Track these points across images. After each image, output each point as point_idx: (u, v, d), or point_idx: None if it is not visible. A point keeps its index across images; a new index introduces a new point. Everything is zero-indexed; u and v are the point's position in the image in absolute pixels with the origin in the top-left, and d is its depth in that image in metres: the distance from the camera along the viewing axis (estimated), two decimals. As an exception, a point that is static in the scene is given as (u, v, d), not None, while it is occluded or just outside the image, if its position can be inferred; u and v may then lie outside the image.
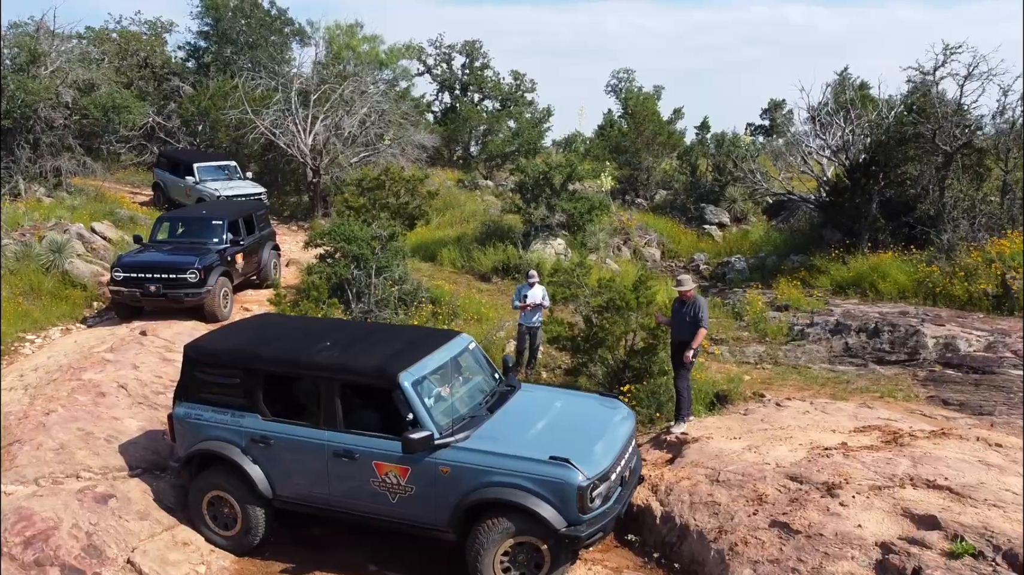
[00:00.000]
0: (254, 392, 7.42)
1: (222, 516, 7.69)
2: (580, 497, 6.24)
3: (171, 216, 16.75)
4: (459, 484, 6.56)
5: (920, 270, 14.11)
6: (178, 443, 7.86)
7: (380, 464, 6.83)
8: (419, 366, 7.07)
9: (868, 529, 6.00)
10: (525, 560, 6.54)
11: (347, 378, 7.18)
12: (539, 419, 7.22)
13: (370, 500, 6.98)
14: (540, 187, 19.43)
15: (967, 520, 5.74)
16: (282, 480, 7.38)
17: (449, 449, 6.61)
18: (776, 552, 6.12)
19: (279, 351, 7.62)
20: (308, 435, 7.21)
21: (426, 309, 14.93)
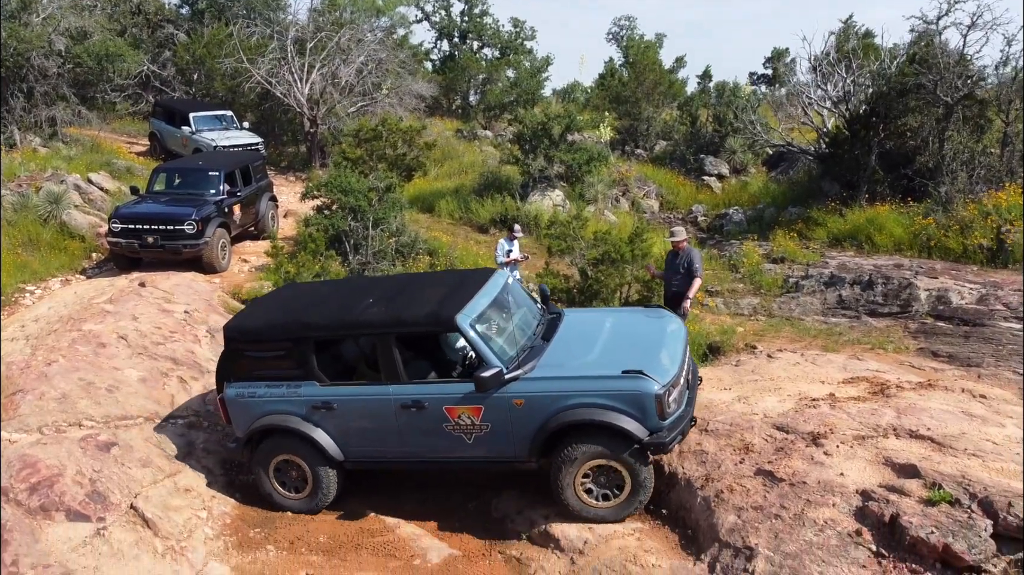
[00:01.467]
0: (307, 361, 7.39)
1: (291, 480, 7.81)
2: (659, 404, 6.36)
3: (168, 167, 16.73)
4: (535, 414, 6.64)
5: (916, 223, 14.13)
6: (235, 424, 7.86)
7: (452, 408, 6.89)
8: (471, 306, 7.03)
9: (850, 477, 6.15)
10: (606, 482, 6.72)
11: (403, 330, 7.18)
12: (596, 339, 7.28)
13: (446, 445, 7.06)
14: (538, 138, 19.34)
15: (946, 469, 5.89)
16: (351, 441, 7.43)
17: (519, 382, 6.67)
18: (760, 499, 6.29)
19: (325, 317, 7.54)
20: (372, 393, 7.24)
21: (423, 260, 15.01)
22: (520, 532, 7.29)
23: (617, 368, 6.57)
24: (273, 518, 7.85)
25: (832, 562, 5.47)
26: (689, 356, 7.58)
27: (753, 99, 20.89)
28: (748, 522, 6.13)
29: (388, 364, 7.13)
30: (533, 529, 7.18)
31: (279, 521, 7.77)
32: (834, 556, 5.51)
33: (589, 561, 6.60)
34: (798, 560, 5.56)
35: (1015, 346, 9.67)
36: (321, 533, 7.53)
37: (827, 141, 17.69)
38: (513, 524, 7.44)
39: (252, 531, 7.60)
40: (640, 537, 6.73)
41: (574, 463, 6.64)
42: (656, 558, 6.37)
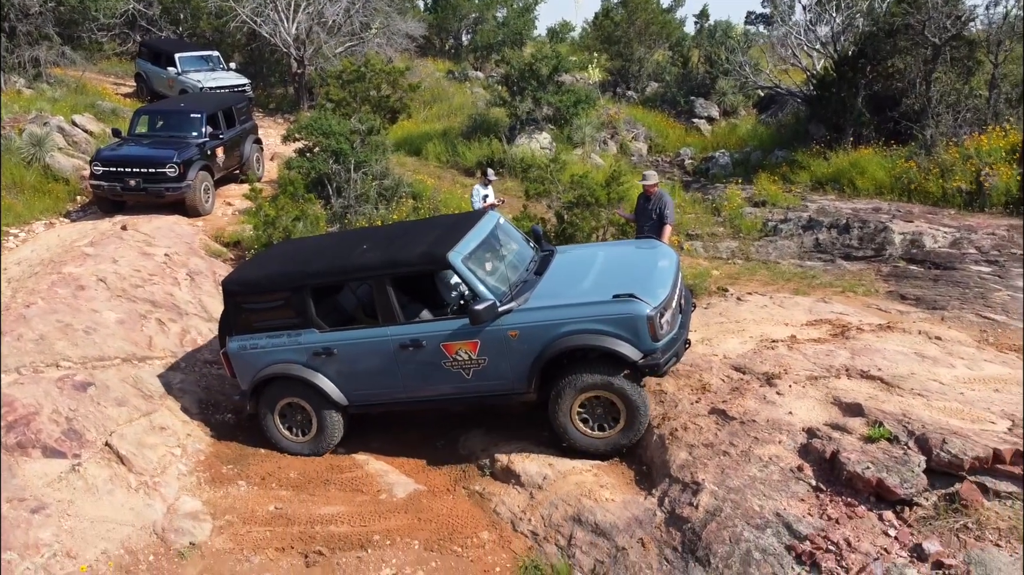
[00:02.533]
0: (306, 309, 7.53)
1: (296, 423, 7.95)
2: (651, 326, 6.47)
3: (150, 109, 16.61)
4: (530, 344, 6.78)
5: (898, 166, 14.10)
6: (240, 376, 8.01)
7: (448, 345, 7.04)
8: (463, 244, 7.20)
9: (798, 416, 6.33)
10: (603, 413, 6.86)
11: (397, 271, 7.34)
12: (588, 271, 7.41)
13: (445, 382, 7.22)
14: (525, 80, 19.15)
15: (889, 408, 6.06)
16: (353, 385, 7.60)
17: (513, 314, 6.82)
18: (712, 437, 6.48)
19: (322, 264, 7.72)
20: (370, 335, 7.38)
21: (407, 204, 15.03)
22: (484, 468, 7.52)
23: (608, 294, 6.70)
24: (246, 455, 8.08)
25: (772, 495, 5.67)
26: (682, 282, 7.66)
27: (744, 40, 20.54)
28: (698, 459, 6.33)
29: (385, 306, 7.28)
30: (496, 465, 7.40)
31: (252, 458, 8.00)
32: (775, 490, 5.71)
33: (547, 495, 6.83)
34: (741, 494, 5.77)
35: (981, 289, 9.80)
36: (292, 469, 7.77)
37: (815, 83, 17.52)
38: (478, 461, 7.67)
39: (225, 467, 7.83)
40: (597, 473, 6.95)
41: (570, 392, 6.77)
42: (610, 492, 6.59)
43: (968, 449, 5.31)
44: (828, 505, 5.48)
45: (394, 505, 7.10)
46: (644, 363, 6.57)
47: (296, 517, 6.93)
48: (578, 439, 6.96)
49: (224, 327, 8.17)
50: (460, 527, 6.75)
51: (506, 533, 6.67)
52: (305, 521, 6.87)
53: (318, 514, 6.96)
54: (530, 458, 7.30)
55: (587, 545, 6.18)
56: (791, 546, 5.28)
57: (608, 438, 6.93)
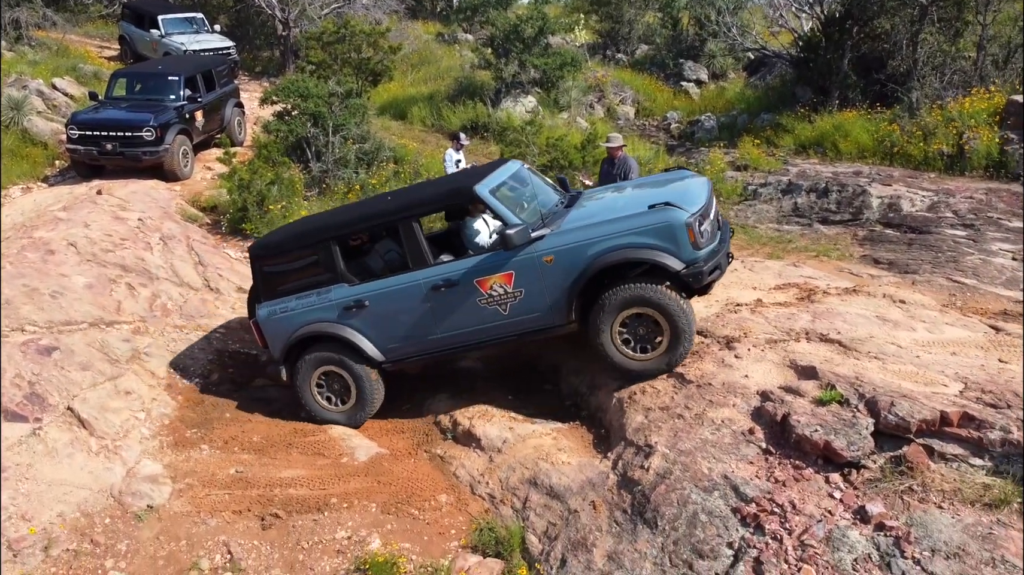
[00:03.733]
0: (334, 263, 7.40)
1: (334, 393, 7.78)
2: (691, 232, 6.24)
3: (127, 72, 16.43)
4: (567, 268, 6.55)
5: (882, 129, 13.95)
6: (271, 344, 7.84)
7: (482, 280, 6.83)
8: (488, 179, 7.12)
9: (753, 379, 6.31)
10: (645, 333, 6.58)
11: (424, 210, 7.32)
12: (620, 198, 7.32)
13: (483, 321, 6.99)
14: (511, 42, 18.88)
15: (843, 371, 6.03)
16: (387, 337, 7.37)
17: (546, 239, 6.62)
18: (668, 400, 6.47)
19: (346, 216, 7.69)
20: (401, 282, 7.20)
21: (387, 168, 14.90)
22: (447, 432, 7.54)
23: (643, 206, 6.51)
24: (211, 420, 8.09)
25: (722, 458, 5.67)
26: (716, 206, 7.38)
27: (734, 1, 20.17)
28: (653, 422, 6.32)
29: (414, 248, 7.13)
30: (458, 429, 7.42)
31: (216, 423, 8.01)
32: (725, 453, 5.71)
33: (505, 459, 6.84)
34: (691, 457, 5.77)
35: (954, 253, 9.74)
36: (256, 433, 7.78)
37: (802, 45, 17.28)
38: (441, 425, 7.68)
39: (189, 431, 7.85)
40: (557, 437, 6.96)
41: (610, 310, 6.49)
42: (567, 456, 6.60)
43: (916, 412, 5.29)
44: (776, 468, 5.48)
45: (355, 468, 7.12)
46: (687, 273, 6.29)
47: (256, 480, 6.96)
48: (620, 361, 6.68)
49: (252, 297, 8.08)
50: (419, 490, 6.77)
51: (464, 496, 6.70)
52: (264, 484, 6.89)
53: (278, 477, 6.98)
54: (492, 422, 7.32)
55: (541, 507, 6.20)
56: (737, 508, 5.29)
57: (650, 359, 6.63)
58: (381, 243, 8.21)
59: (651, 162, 15.20)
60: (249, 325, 8.31)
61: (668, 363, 6.63)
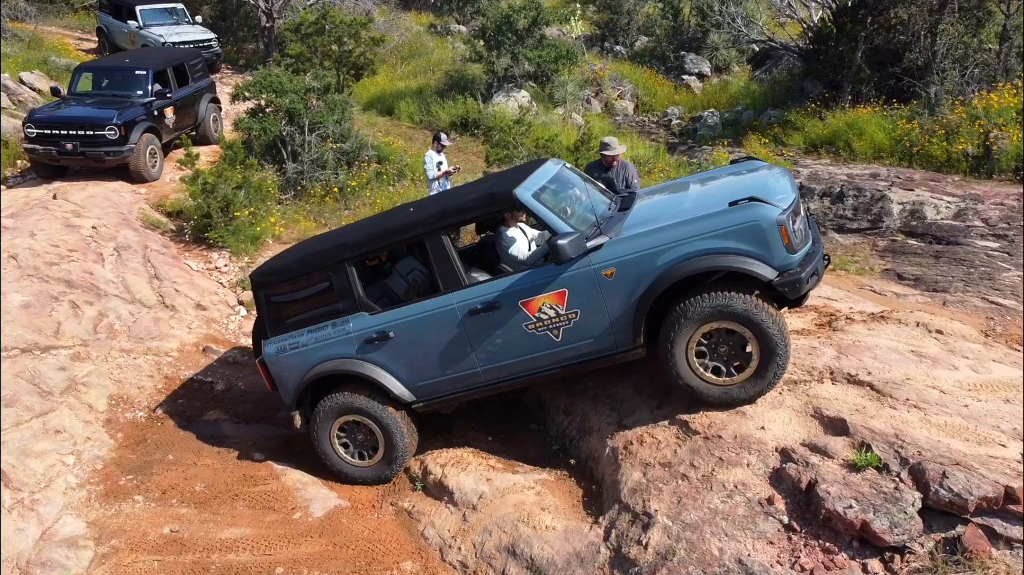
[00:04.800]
0: (350, 288, 6.27)
1: (357, 444, 6.62)
2: (783, 232, 5.20)
3: (92, 66, 15.46)
4: (630, 282, 5.49)
5: (899, 127, 12.95)
6: (281, 386, 6.69)
7: (529, 302, 5.73)
8: (529, 182, 6.02)
9: (771, 432, 5.35)
10: (729, 352, 5.45)
11: (454, 220, 6.18)
12: (685, 195, 6.14)
13: (531, 350, 5.87)
14: (503, 33, 17.87)
15: (879, 425, 5.07)
16: (417, 372, 6.24)
17: (603, 248, 5.53)
18: (670, 454, 5.51)
19: (362, 233, 6.47)
20: (431, 307, 6.06)
21: (368, 169, 13.93)
22: (416, 480, 6.59)
23: (721, 204, 5.41)
24: (151, 463, 7.14)
25: (736, 535, 4.72)
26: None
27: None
28: (653, 481, 5.37)
29: (444, 267, 6.01)
30: (429, 478, 6.48)
31: (157, 467, 7.06)
32: (739, 528, 4.76)
33: (481, 519, 5.90)
34: (698, 532, 4.81)
35: (988, 268, 8.76)
36: (200, 480, 6.84)
37: (811, 36, 16.25)
38: (411, 470, 6.74)
39: (124, 478, 6.89)
40: (541, 492, 6.00)
41: (687, 324, 5.37)
42: (552, 518, 5.65)
43: (974, 486, 4.34)
44: (801, 551, 4.52)
45: (308, 527, 6.17)
46: (781, 281, 5.24)
47: (193, 542, 6.00)
48: (698, 386, 5.52)
49: (257, 332, 6.97)
50: (381, 555, 5.84)
51: (432, 563, 5.76)
52: (202, 547, 5.94)
53: (218, 539, 6.03)
54: (467, 470, 6.37)
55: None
56: (755, 603, 4.34)
57: (735, 384, 5.47)
58: (403, 262, 7.16)
59: (651, 161, 14.21)
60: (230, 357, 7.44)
61: (757, 389, 5.48)
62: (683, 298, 5.40)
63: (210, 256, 10.86)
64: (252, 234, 11.05)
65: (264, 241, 11.33)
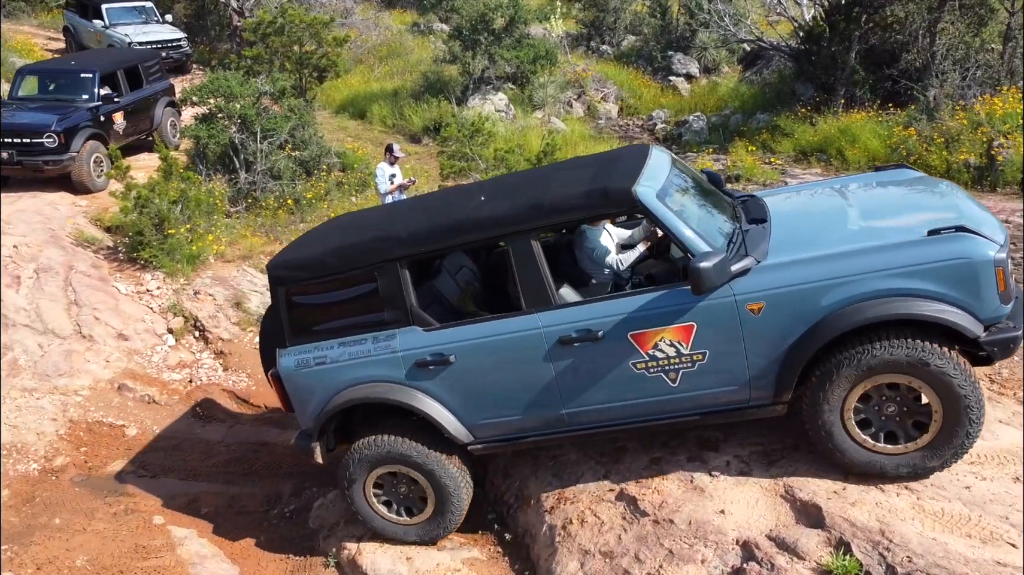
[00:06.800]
0: (400, 296, 4.97)
1: (399, 498, 5.40)
2: (1000, 275, 4.14)
3: (36, 68, 14.62)
4: (785, 321, 4.37)
5: (895, 134, 12.03)
6: (299, 409, 5.36)
7: (642, 335, 4.56)
8: (646, 177, 4.72)
9: (733, 517, 4.45)
10: (897, 413, 4.36)
11: (552, 221, 4.93)
12: (842, 212, 4.94)
13: (634, 395, 4.72)
14: (478, 32, 16.95)
15: (861, 516, 4.17)
16: (480, 408, 5.02)
17: (749, 275, 4.40)
18: (613, 540, 4.61)
19: (422, 225, 5.08)
20: (509, 329, 4.81)
21: (327, 178, 13.02)
22: (330, 556, 5.68)
23: (916, 231, 4.32)
24: (34, 528, 6.23)
25: (682, 661, 3.81)
26: None
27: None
28: (591, 576, 4.47)
29: (531, 279, 4.75)
30: (343, 555, 5.57)
31: (40, 533, 6.15)
32: (687, 651, 3.85)
33: (395, 610, 5.00)
34: (637, 654, 3.91)
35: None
36: (84, 552, 5.92)
37: (803, 36, 15.32)
38: (326, 543, 5.84)
39: (-3, 549, 6.00)
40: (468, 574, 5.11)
41: (847, 375, 4.30)
42: (475, 613, 4.75)
43: (977, 613, 3.44)
44: None
45: (197, 615, 5.28)
46: (991, 340, 4.17)
47: (57, 637, 5.12)
48: (852, 452, 4.42)
49: (270, 337, 5.62)
50: (277, 652, 4.94)
51: (336, 665, 4.86)
52: (67, 643, 5.05)
53: (88, 632, 5.14)
54: (384, 546, 5.46)
55: None
56: None
57: (904, 454, 4.38)
58: (450, 257, 5.83)
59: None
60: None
61: (932, 462, 4.36)
62: (844, 344, 4.31)
63: (142, 278, 9.95)
64: (189, 253, 10.14)
65: (205, 260, 10.43)
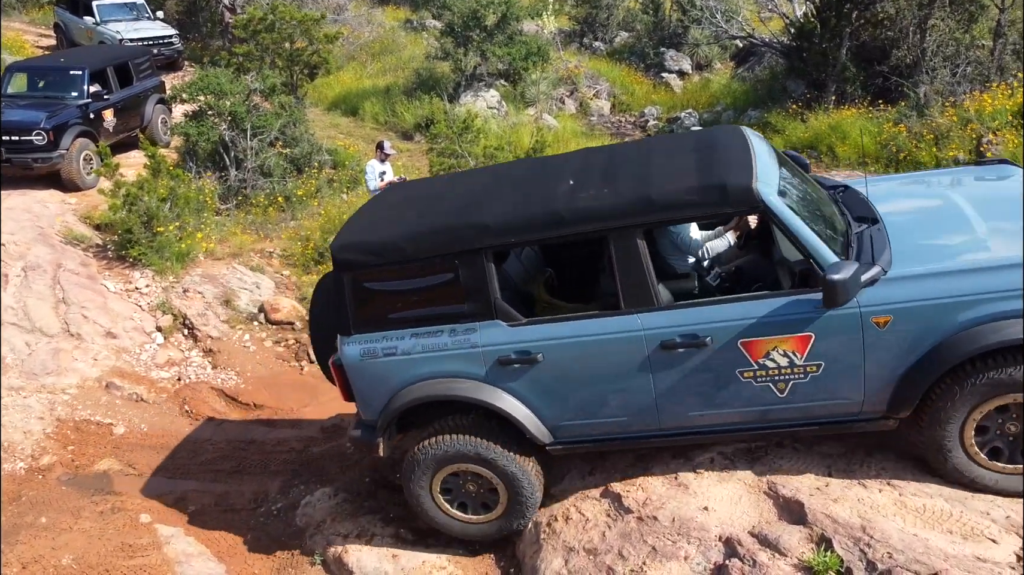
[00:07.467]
0: (484, 287, 4.68)
1: (465, 495, 5.15)
2: None
3: (25, 65, 14.55)
4: (913, 337, 4.16)
5: (885, 130, 12.05)
6: (362, 401, 5.10)
7: (753, 343, 4.34)
8: (763, 171, 4.43)
9: (716, 514, 4.46)
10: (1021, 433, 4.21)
11: (662, 217, 4.58)
12: (956, 211, 4.69)
13: (739, 403, 4.51)
14: (470, 29, 16.94)
15: (843, 512, 4.18)
16: (565, 410, 4.78)
17: (878, 286, 4.16)
18: (597, 538, 4.62)
19: (513, 214, 4.78)
20: (606, 329, 4.56)
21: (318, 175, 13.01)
22: (316, 554, 5.68)
23: None
24: (20, 527, 6.22)
25: (664, 658, 3.83)
26: None
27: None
28: (575, 573, 4.47)
29: (634, 277, 4.49)
30: (329, 553, 5.57)
31: (26, 532, 6.14)
32: (668, 648, 3.87)
33: (380, 608, 5.00)
34: (619, 651, 3.92)
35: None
36: (70, 550, 5.90)
37: (794, 32, 15.34)
38: (312, 541, 5.83)
39: (-17, 548, 5.98)
40: (453, 573, 5.11)
41: (971, 395, 4.14)
42: (459, 612, 4.76)
43: (955, 608, 3.45)
44: None
45: (182, 613, 5.28)
46: None
47: (41, 636, 5.11)
48: (971, 472, 4.30)
49: (327, 322, 5.32)
50: (262, 650, 4.94)
51: (321, 662, 4.87)
52: (51, 642, 5.05)
53: (72, 631, 5.14)
54: (371, 544, 5.46)
55: None
56: None
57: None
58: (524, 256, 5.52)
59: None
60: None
61: None
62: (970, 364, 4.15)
63: (131, 276, 9.93)
64: (178, 251, 10.13)
65: (194, 258, 10.42)
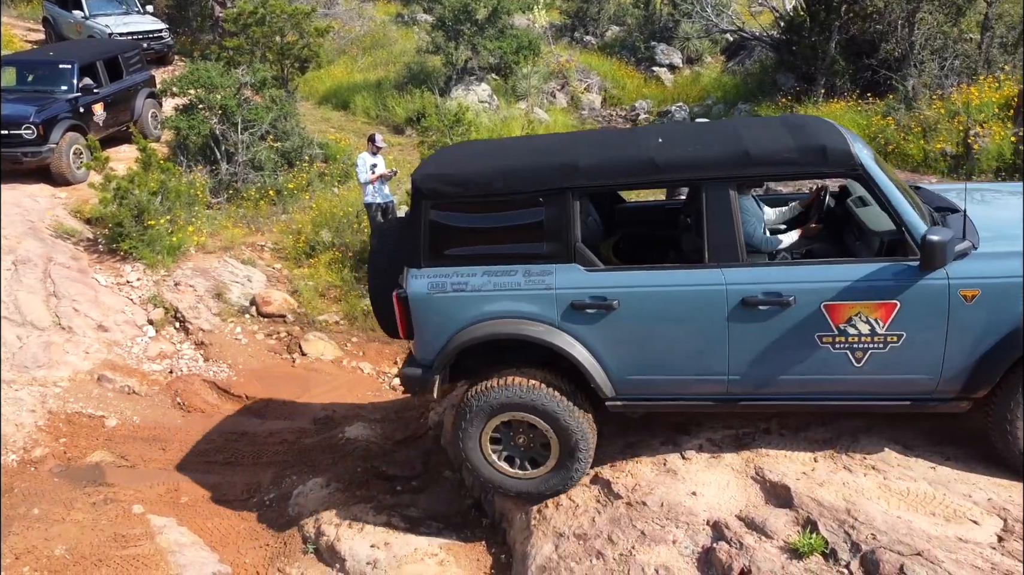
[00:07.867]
0: (566, 229, 4.54)
1: (519, 451, 4.88)
2: None
3: (14, 59, 14.47)
4: (998, 314, 4.11)
5: (874, 123, 12.14)
6: (422, 337, 4.85)
7: (837, 307, 4.24)
8: (857, 143, 4.48)
9: (704, 499, 4.51)
10: None
11: (759, 172, 4.49)
12: (1015, 204, 4.79)
13: (813, 370, 4.38)
14: (461, 23, 16.93)
15: (828, 496, 4.24)
16: (632, 363, 4.59)
17: (968, 260, 4.15)
18: (587, 524, 4.67)
19: (606, 156, 4.66)
20: (687, 281, 4.44)
21: (309, 169, 13.02)
22: (309, 542, 5.72)
23: None
24: (12, 518, 6.23)
25: (652, 639, 3.88)
26: None
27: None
28: (564, 559, 4.52)
29: (722, 230, 4.39)
30: (322, 540, 5.61)
31: (18, 524, 6.15)
32: (657, 629, 3.92)
33: (371, 595, 5.05)
34: (608, 633, 3.98)
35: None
36: (63, 541, 5.93)
37: (784, 26, 15.40)
38: (305, 530, 5.87)
39: (-24, 539, 6.00)
40: (445, 560, 5.15)
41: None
42: (450, 598, 4.81)
43: (937, 587, 3.52)
44: (728, 662, 3.69)
45: (176, 602, 5.31)
46: None
47: (34, 625, 5.14)
48: None
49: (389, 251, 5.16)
50: (256, 637, 4.98)
51: (314, 648, 4.91)
52: (45, 631, 5.07)
53: (65, 620, 5.16)
54: (363, 532, 5.50)
55: None
56: None
57: None
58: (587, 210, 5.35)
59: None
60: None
61: None
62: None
63: (122, 269, 9.93)
64: (169, 244, 10.13)
65: (186, 251, 10.43)
